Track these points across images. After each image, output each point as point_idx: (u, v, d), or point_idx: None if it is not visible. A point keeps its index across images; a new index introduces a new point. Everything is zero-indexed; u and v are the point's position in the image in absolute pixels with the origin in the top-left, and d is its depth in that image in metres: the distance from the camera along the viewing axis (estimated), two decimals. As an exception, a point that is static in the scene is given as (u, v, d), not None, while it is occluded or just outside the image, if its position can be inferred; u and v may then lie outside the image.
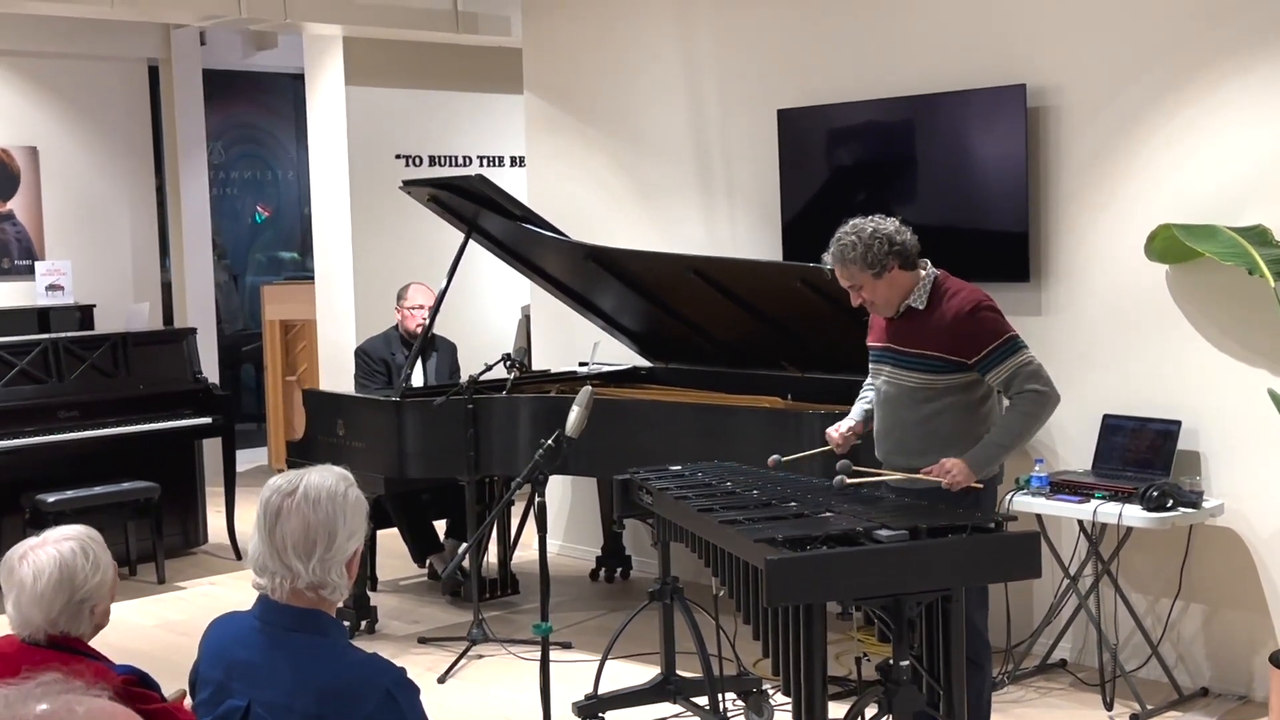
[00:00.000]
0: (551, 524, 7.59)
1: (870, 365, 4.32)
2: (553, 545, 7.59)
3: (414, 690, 2.50)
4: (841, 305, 5.30)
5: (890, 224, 4.13)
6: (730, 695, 4.85)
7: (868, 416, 4.39)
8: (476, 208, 6.00)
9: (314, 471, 2.56)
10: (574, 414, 4.06)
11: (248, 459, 9.96)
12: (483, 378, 5.88)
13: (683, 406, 5.71)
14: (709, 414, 5.56)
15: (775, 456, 4.37)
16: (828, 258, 4.19)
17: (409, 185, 6.08)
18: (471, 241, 6.28)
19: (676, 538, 4.32)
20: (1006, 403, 4.23)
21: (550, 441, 4.01)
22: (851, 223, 4.15)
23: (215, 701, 2.50)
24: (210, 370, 10.11)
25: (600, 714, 4.67)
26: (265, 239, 11.95)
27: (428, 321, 6.19)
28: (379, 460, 5.85)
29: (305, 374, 9.82)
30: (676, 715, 4.84)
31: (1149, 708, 4.84)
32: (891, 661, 3.56)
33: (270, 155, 12.18)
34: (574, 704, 4.70)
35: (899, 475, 4.10)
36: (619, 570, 6.97)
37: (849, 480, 3.96)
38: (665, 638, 4.74)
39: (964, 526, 3.62)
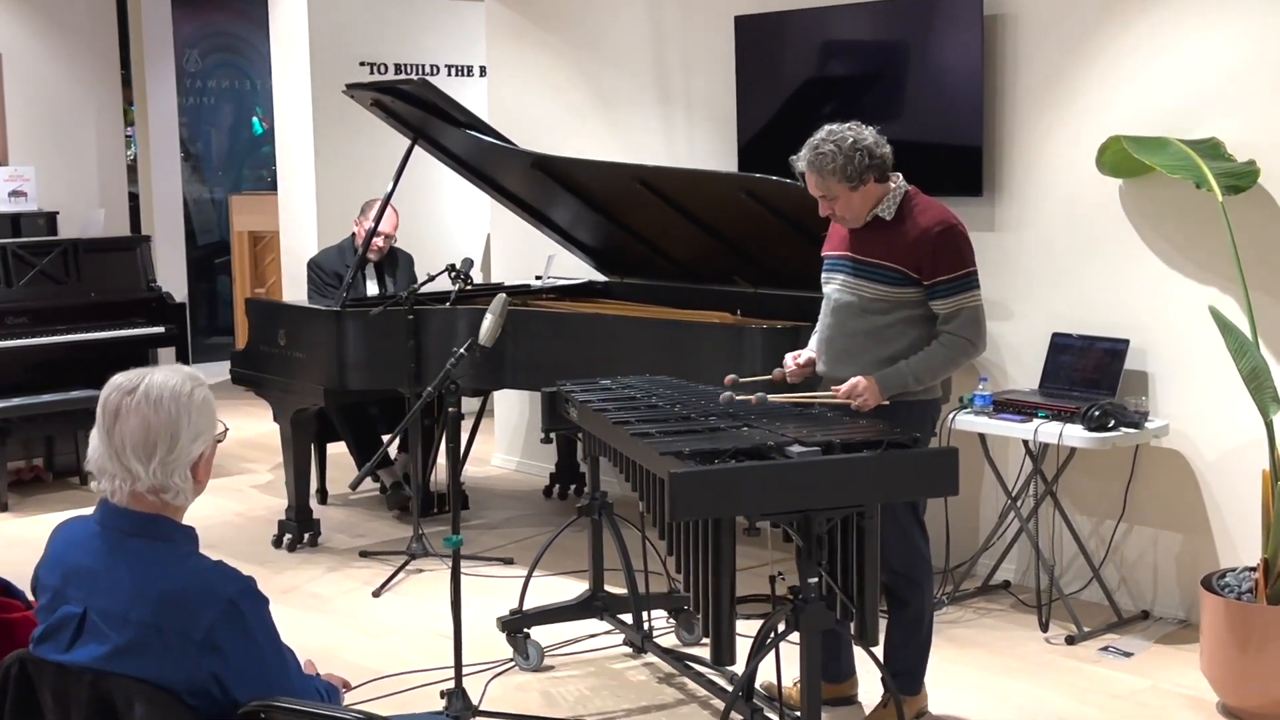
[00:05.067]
0: (508, 440, 7.57)
1: (823, 274, 4.15)
2: (509, 461, 7.53)
3: (262, 601, 2.41)
4: (787, 219, 5.19)
5: (869, 134, 3.90)
6: (660, 612, 4.78)
7: None
8: (424, 115, 5.84)
9: (159, 370, 2.45)
10: (488, 321, 3.95)
11: (219, 371, 9.86)
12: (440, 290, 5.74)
13: (626, 320, 5.58)
14: (652, 328, 5.44)
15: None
16: (800, 163, 3.96)
17: (352, 88, 5.92)
18: (434, 156, 6.16)
19: (601, 451, 4.23)
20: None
21: (463, 350, 3.90)
22: (828, 129, 3.91)
23: (52, 608, 2.41)
24: (178, 281, 10.02)
25: (525, 629, 4.59)
26: (265, 153, 11.76)
27: (372, 228, 6.05)
28: (319, 371, 5.75)
29: (275, 286, 9.69)
30: (606, 632, 4.77)
31: (1086, 630, 4.77)
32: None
33: (247, 64, 11.95)
34: (498, 619, 4.62)
35: (795, 396, 3.94)
36: (573, 487, 6.88)
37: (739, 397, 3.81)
38: (593, 554, 4.65)
39: (879, 442, 3.51)
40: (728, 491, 3.32)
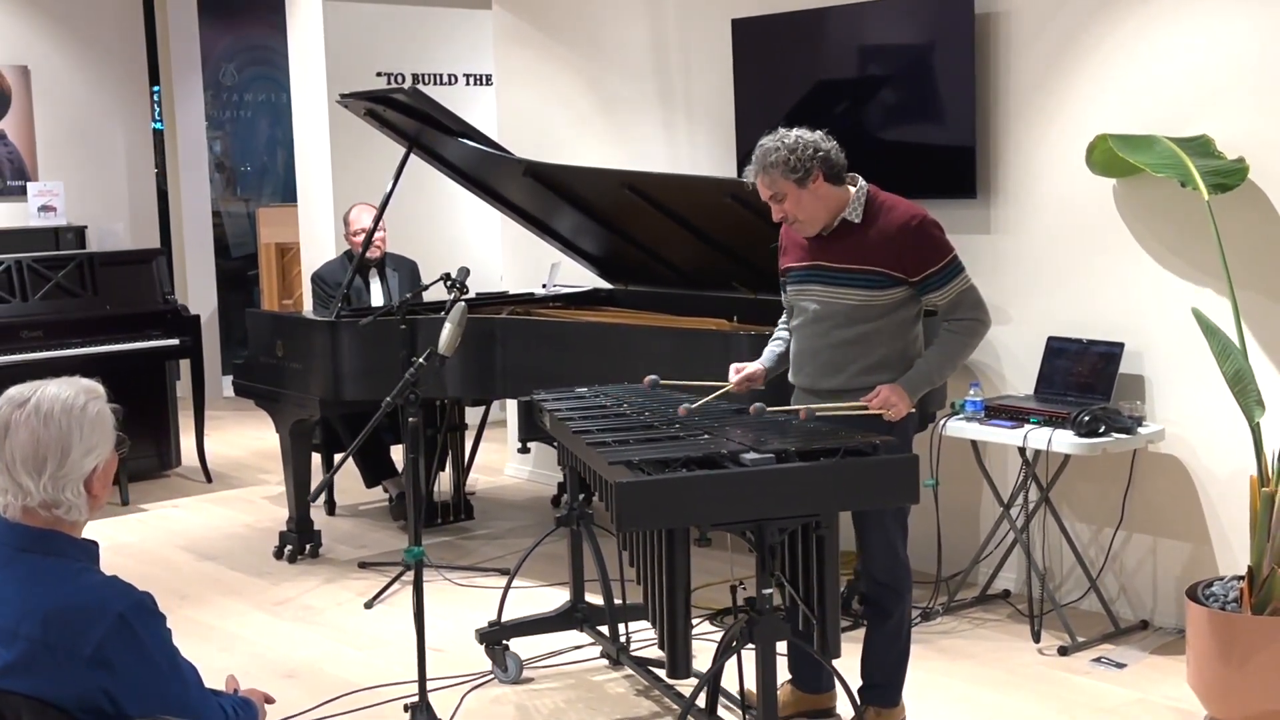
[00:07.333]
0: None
1: (790, 289, 4.06)
2: (521, 471, 7.49)
3: (156, 616, 2.38)
4: (776, 224, 5.11)
5: (814, 134, 3.91)
6: (645, 623, 4.71)
7: (779, 361, 4.11)
8: (418, 124, 5.82)
9: (54, 383, 2.45)
10: (446, 330, 3.90)
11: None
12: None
13: (617, 328, 5.54)
14: (642, 335, 5.39)
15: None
16: (750, 172, 3.97)
17: (346, 98, 5.90)
18: (433, 166, 6.15)
19: (570, 461, 4.19)
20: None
21: (422, 359, 3.86)
22: (773, 132, 3.93)
23: (-53, 624, 2.39)
24: (207, 294, 10.08)
25: (503, 641, 4.54)
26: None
27: (368, 231, 6.05)
28: (315, 381, 5.74)
29: (302, 298, 9.71)
30: (590, 643, 4.70)
31: (1080, 640, 4.64)
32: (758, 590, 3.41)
33: (284, 77, 11.99)
34: (477, 630, 4.58)
35: (823, 407, 3.84)
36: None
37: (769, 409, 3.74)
38: (573, 565, 4.60)
39: (836, 450, 3.43)
40: (676, 501, 3.26)
